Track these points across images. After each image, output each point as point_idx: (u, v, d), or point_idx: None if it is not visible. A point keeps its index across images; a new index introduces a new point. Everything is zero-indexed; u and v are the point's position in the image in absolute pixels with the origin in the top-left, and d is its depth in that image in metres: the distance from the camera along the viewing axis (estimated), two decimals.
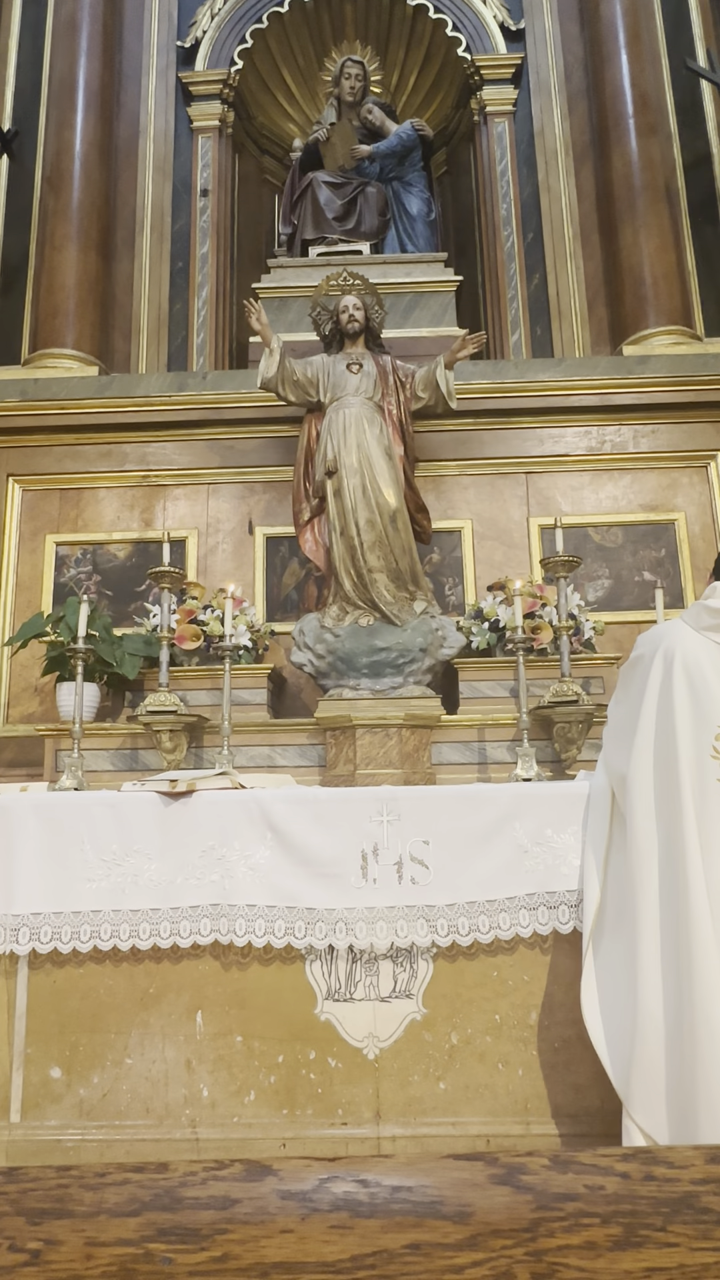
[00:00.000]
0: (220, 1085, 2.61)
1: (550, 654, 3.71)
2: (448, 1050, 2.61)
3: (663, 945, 2.22)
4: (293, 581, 4.42)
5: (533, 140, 5.27)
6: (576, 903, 2.60)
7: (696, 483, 4.46)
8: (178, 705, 3.44)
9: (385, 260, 5.05)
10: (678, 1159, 0.79)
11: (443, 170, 5.88)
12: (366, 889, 2.65)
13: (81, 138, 4.94)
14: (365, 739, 3.49)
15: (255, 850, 2.70)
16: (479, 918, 2.62)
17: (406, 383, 3.97)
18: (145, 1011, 2.67)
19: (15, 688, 4.31)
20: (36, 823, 2.75)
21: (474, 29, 5.35)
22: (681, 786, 2.24)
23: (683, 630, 2.40)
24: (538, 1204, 0.75)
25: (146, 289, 5.10)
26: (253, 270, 5.31)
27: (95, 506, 4.52)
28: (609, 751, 2.57)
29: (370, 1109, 2.57)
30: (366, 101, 5.48)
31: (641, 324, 4.68)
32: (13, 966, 2.71)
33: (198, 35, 5.38)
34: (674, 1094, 2.14)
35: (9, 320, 5.02)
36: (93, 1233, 0.74)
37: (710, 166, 5.14)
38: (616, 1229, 0.74)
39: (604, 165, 5.00)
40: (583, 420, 4.53)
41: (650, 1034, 2.18)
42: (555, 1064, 2.58)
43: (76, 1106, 2.62)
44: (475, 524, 4.43)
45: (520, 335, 5.00)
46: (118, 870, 2.71)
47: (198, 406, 4.53)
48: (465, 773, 3.54)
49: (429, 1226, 0.74)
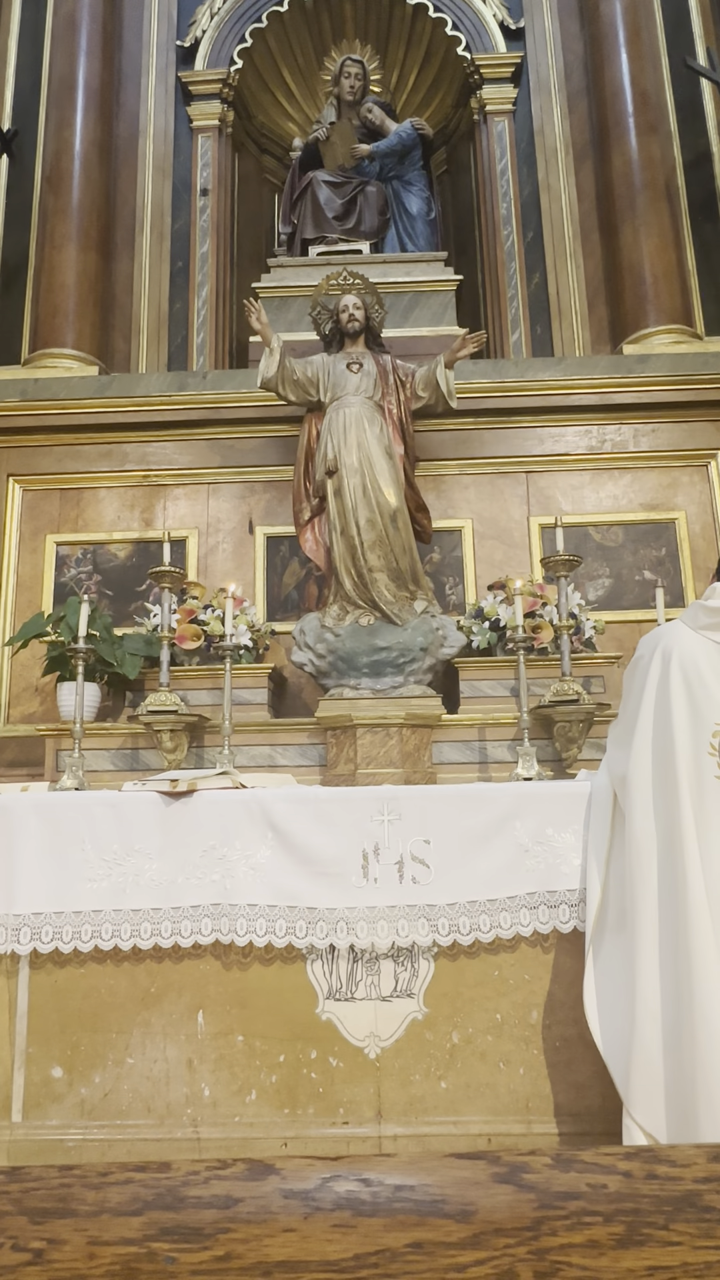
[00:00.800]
0: (222, 1085, 2.61)
1: (551, 653, 3.71)
2: (449, 1049, 2.61)
3: (661, 943, 2.22)
4: (293, 581, 4.42)
5: (532, 139, 5.27)
6: (577, 902, 2.60)
7: (697, 482, 4.46)
8: (178, 705, 3.44)
9: (385, 259, 5.05)
10: (680, 1158, 0.79)
11: (442, 169, 5.88)
12: (367, 888, 2.65)
13: (81, 137, 4.94)
14: (366, 738, 3.49)
15: (256, 850, 2.70)
16: (480, 917, 2.62)
17: (406, 382, 3.97)
18: (146, 1011, 2.67)
19: (16, 687, 4.31)
20: (37, 822, 2.75)
21: (474, 28, 5.35)
22: (679, 784, 2.24)
23: (680, 630, 2.42)
24: (540, 1203, 0.75)
25: (146, 288, 5.10)
26: (253, 270, 5.30)
27: (95, 506, 4.52)
28: (611, 752, 2.59)
29: (372, 1108, 2.58)
30: (366, 101, 5.47)
31: (642, 323, 4.68)
32: (14, 966, 2.71)
33: (197, 35, 5.38)
34: (673, 1093, 2.14)
35: (9, 320, 5.02)
36: (95, 1232, 0.74)
37: (710, 165, 5.14)
38: (619, 1227, 0.74)
39: (604, 164, 5.00)
40: (583, 419, 4.53)
41: (649, 1032, 2.19)
42: (556, 1063, 2.58)
43: (78, 1106, 2.62)
44: (476, 523, 4.43)
45: (520, 334, 5.00)
46: (119, 870, 2.71)
47: (198, 406, 4.53)
48: (466, 772, 3.54)
49: (431, 1225, 0.74)
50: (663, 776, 2.31)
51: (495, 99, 5.33)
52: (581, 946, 2.54)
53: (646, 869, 2.28)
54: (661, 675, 2.36)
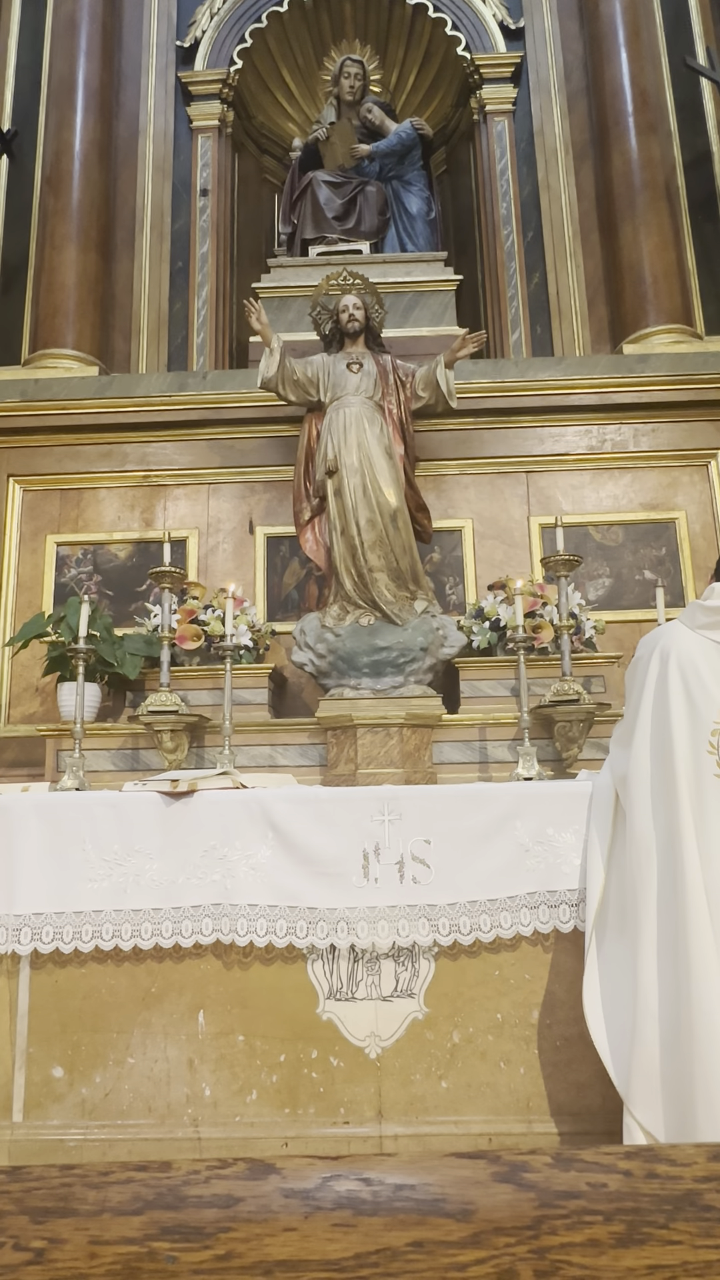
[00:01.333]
0: (222, 1084, 2.62)
1: (551, 653, 3.71)
2: (449, 1049, 2.61)
3: (660, 942, 2.23)
4: (293, 581, 4.42)
5: (532, 139, 5.27)
6: (577, 901, 2.61)
7: (697, 481, 4.46)
8: (179, 705, 3.44)
9: (385, 259, 5.05)
10: (680, 1157, 0.79)
11: (442, 169, 5.88)
12: (368, 888, 2.65)
13: (81, 138, 4.94)
14: (366, 738, 3.49)
15: (257, 850, 2.70)
16: (480, 916, 2.62)
17: (407, 382, 3.97)
18: (147, 1011, 2.67)
19: (16, 688, 4.31)
20: (38, 823, 2.75)
21: (473, 28, 5.35)
22: (678, 782, 2.25)
23: (678, 630, 2.43)
24: (540, 1202, 0.75)
25: (146, 289, 5.10)
26: (253, 270, 5.31)
27: (96, 506, 4.53)
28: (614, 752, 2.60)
29: (372, 1108, 2.58)
30: (366, 101, 5.48)
31: (642, 322, 4.68)
32: (15, 966, 2.71)
33: (197, 35, 5.38)
34: (672, 1092, 2.14)
35: (9, 320, 5.02)
36: (96, 1231, 0.74)
37: (710, 164, 5.14)
38: (619, 1226, 0.74)
39: (604, 164, 5.00)
40: (583, 419, 4.53)
41: (649, 1031, 2.19)
42: (557, 1062, 2.58)
43: (79, 1106, 2.62)
44: (476, 523, 4.43)
45: (520, 334, 5.00)
46: (119, 870, 2.71)
47: (198, 406, 4.53)
48: (466, 772, 3.54)
49: (432, 1224, 0.74)
50: (662, 775, 2.31)
51: (495, 99, 5.33)
52: (582, 946, 2.54)
53: (646, 868, 2.29)
54: (660, 675, 2.37)
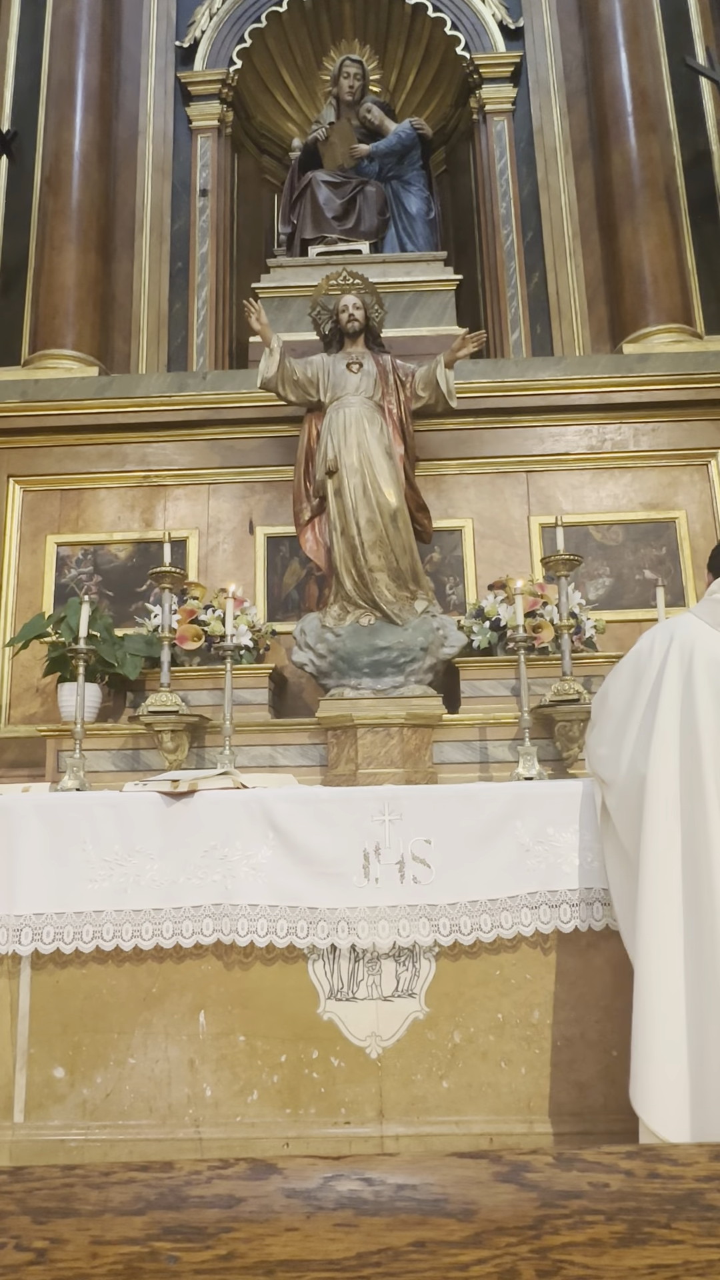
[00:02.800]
0: (223, 1085, 2.62)
1: (551, 653, 3.71)
2: (450, 1049, 2.61)
3: (686, 942, 2.20)
4: (293, 581, 4.42)
5: (532, 139, 5.27)
6: (578, 901, 2.60)
7: (697, 481, 4.46)
8: (179, 705, 3.44)
9: (385, 259, 5.05)
10: (681, 1156, 0.79)
11: (442, 169, 5.88)
12: (368, 888, 2.65)
13: (80, 138, 4.94)
14: (366, 738, 3.49)
15: (257, 850, 2.70)
16: (481, 916, 2.62)
17: (406, 382, 3.97)
18: (148, 1011, 2.67)
19: (17, 688, 4.31)
20: (39, 823, 2.75)
21: (473, 27, 5.35)
22: (705, 785, 2.23)
23: (697, 626, 2.38)
24: (542, 1201, 0.75)
25: (146, 289, 5.10)
26: (252, 270, 5.30)
27: (96, 507, 4.53)
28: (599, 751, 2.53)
29: (373, 1108, 2.58)
30: (365, 100, 5.48)
31: (641, 322, 4.68)
32: (16, 967, 2.71)
33: (196, 35, 5.38)
34: (698, 1099, 2.12)
35: (9, 321, 5.02)
36: (98, 1231, 0.74)
37: (710, 164, 5.14)
38: (621, 1226, 0.74)
39: (603, 163, 4.99)
40: (583, 419, 4.53)
41: (669, 1034, 2.17)
42: (558, 1062, 2.58)
43: (80, 1106, 2.62)
44: (476, 523, 4.43)
45: (520, 334, 5.00)
46: (120, 870, 2.71)
47: (198, 406, 4.53)
48: (467, 772, 3.54)
49: (434, 1224, 0.74)
50: (689, 777, 2.28)
51: (494, 98, 5.33)
52: (582, 946, 2.54)
53: (668, 870, 2.26)
54: (685, 675, 2.33)
